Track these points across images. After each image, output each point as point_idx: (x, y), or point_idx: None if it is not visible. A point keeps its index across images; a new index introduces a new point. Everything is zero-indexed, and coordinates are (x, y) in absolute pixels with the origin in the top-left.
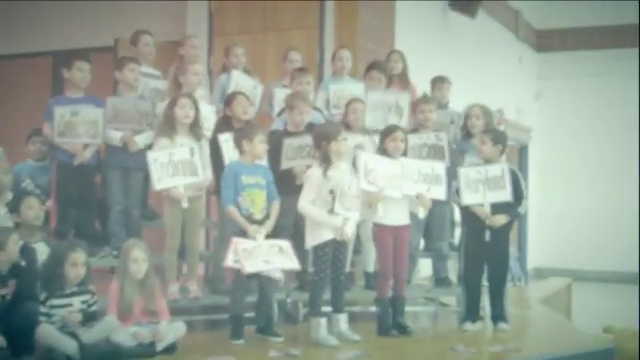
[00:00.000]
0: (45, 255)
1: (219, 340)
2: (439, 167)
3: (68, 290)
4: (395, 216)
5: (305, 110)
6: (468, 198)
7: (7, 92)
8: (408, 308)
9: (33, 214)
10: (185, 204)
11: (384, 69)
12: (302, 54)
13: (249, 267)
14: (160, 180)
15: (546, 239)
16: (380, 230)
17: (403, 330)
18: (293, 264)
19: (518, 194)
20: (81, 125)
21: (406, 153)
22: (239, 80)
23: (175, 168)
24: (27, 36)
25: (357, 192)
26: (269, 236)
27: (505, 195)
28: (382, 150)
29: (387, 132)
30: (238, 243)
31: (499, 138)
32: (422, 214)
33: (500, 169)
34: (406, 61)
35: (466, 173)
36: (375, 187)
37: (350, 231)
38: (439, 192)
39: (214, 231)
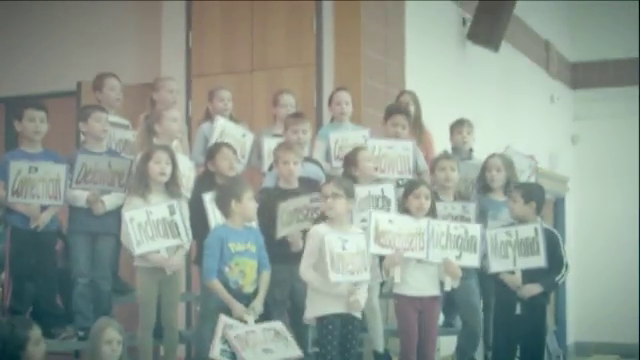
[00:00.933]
0: None
1: None
2: (474, 229)
3: None
4: (420, 285)
5: (291, 159)
6: (496, 265)
7: None
8: None
9: None
10: (169, 271)
11: (409, 113)
12: (296, 96)
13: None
14: (140, 244)
15: (588, 308)
16: (401, 302)
17: None
18: (295, 351)
19: (557, 261)
20: (40, 183)
21: (434, 212)
22: (225, 128)
23: (154, 229)
24: None
25: (358, 251)
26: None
27: (539, 261)
28: (404, 209)
29: (410, 188)
30: (228, 327)
31: (533, 194)
32: (449, 286)
33: (533, 230)
34: (419, 103)
35: (493, 236)
36: (390, 249)
37: (362, 300)
38: (472, 259)
39: (196, 306)
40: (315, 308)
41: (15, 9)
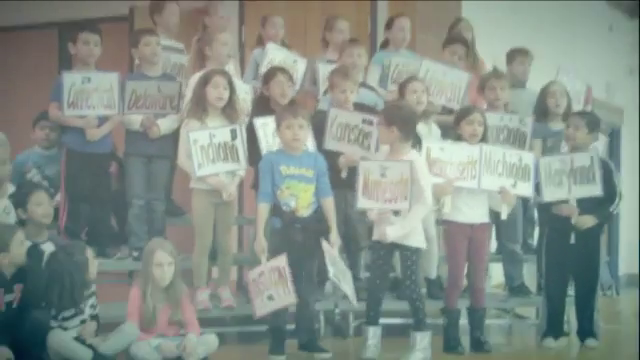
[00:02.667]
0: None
1: (256, 355)
2: (528, 157)
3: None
4: (471, 212)
5: (348, 87)
6: (550, 193)
7: (8, 70)
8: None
9: (42, 211)
10: (226, 196)
11: (468, 44)
12: (350, 22)
13: (258, 311)
14: (201, 166)
15: None
16: (451, 228)
17: (480, 347)
18: (290, 298)
19: (611, 191)
20: (94, 94)
21: (487, 139)
22: (276, 54)
23: (216, 152)
24: (28, 4)
25: (401, 179)
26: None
27: (594, 190)
28: (456, 136)
29: (462, 114)
30: (250, 274)
31: (596, 124)
32: (505, 214)
33: (589, 158)
34: (473, 31)
35: (548, 163)
36: (440, 178)
37: (391, 232)
38: (526, 188)
39: (249, 230)
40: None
41: None
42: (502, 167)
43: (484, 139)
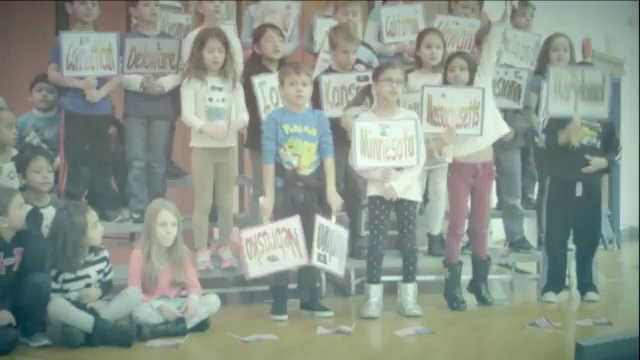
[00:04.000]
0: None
1: (258, 315)
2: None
3: (82, 261)
4: (471, 148)
5: (351, 49)
6: (556, 107)
7: (4, 31)
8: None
9: (40, 179)
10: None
11: None
12: None
13: (253, 271)
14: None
15: None
16: (455, 167)
17: (483, 300)
18: (301, 259)
19: (614, 142)
20: (93, 54)
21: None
22: (269, 5)
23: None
24: None
25: (405, 136)
26: (321, 198)
27: (601, 110)
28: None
29: (448, 60)
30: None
31: None
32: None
33: (601, 76)
34: None
35: (557, 75)
36: (442, 128)
37: (401, 186)
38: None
39: (249, 189)
40: (367, 190)
41: None
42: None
43: (470, 82)
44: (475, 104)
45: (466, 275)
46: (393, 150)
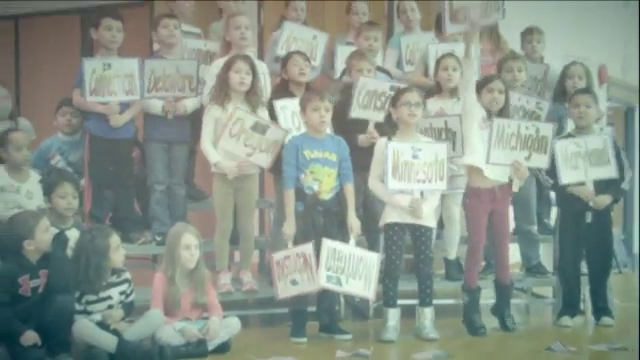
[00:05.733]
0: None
1: (278, 338)
2: (546, 129)
3: (104, 282)
4: (492, 174)
5: (364, 67)
6: (567, 176)
7: (31, 57)
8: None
9: (64, 204)
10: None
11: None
12: (369, 5)
13: (281, 293)
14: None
15: None
16: (473, 192)
17: (505, 326)
18: (311, 285)
19: (620, 168)
20: (115, 80)
21: (507, 111)
22: (294, 31)
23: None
24: None
25: (437, 160)
26: (341, 222)
27: (610, 171)
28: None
29: (484, 82)
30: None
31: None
32: (516, 187)
33: (602, 141)
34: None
35: (564, 146)
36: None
37: (425, 209)
38: (542, 160)
39: (270, 213)
40: (383, 216)
41: None
42: (516, 140)
43: (505, 110)
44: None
45: (484, 300)
46: (424, 174)
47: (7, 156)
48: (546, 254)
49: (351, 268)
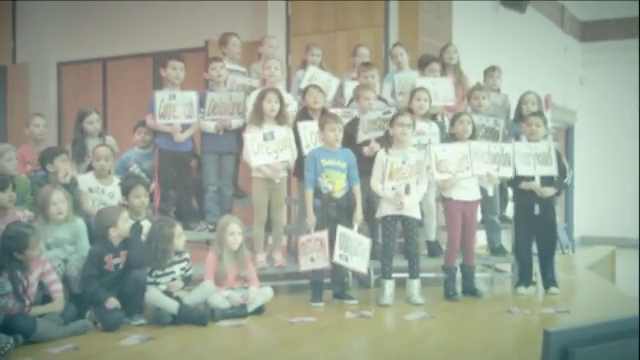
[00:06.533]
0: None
1: (301, 303)
2: (508, 147)
3: (169, 261)
4: (465, 192)
5: (370, 96)
6: (522, 169)
7: (115, 89)
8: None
9: (138, 202)
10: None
11: (439, 61)
12: (369, 49)
13: (303, 266)
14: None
15: (591, 210)
16: (450, 204)
17: (474, 293)
18: (325, 262)
19: (562, 168)
20: (178, 107)
21: (475, 136)
22: (315, 74)
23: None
24: (130, 39)
25: (417, 168)
26: (349, 214)
27: (552, 170)
28: (451, 135)
29: (455, 117)
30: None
31: (546, 122)
32: (491, 191)
33: (547, 147)
34: (458, 54)
35: (520, 147)
36: (448, 174)
37: (409, 201)
38: (507, 171)
39: (295, 207)
40: (380, 211)
41: None
42: (487, 156)
43: (473, 136)
44: (465, 155)
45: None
46: (408, 173)
47: (97, 165)
48: (505, 239)
49: (353, 249)
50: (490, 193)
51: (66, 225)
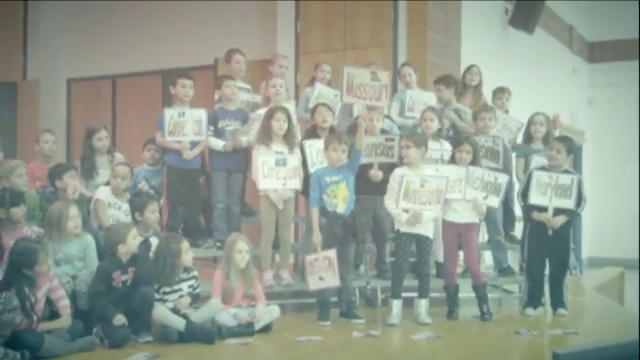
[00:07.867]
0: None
1: (308, 321)
2: (503, 178)
3: (177, 278)
4: (458, 214)
5: (375, 117)
6: (535, 198)
7: (125, 107)
8: (472, 294)
9: (154, 217)
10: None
11: (450, 83)
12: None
13: (312, 285)
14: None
15: (599, 231)
16: (445, 225)
17: (480, 316)
18: (334, 281)
19: (579, 197)
20: (187, 124)
21: (478, 162)
22: (322, 91)
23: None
24: (140, 57)
25: (437, 196)
26: (354, 233)
27: (569, 204)
28: (452, 159)
29: (455, 145)
30: (308, 258)
31: (572, 148)
32: (476, 218)
33: (570, 179)
34: (481, 76)
35: (539, 176)
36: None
37: (424, 223)
38: (494, 201)
39: (302, 225)
40: (396, 224)
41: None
42: (479, 183)
43: (475, 162)
44: (459, 178)
45: (464, 293)
46: (426, 198)
47: (114, 182)
48: (513, 259)
49: (324, 267)
50: (475, 219)
51: (76, 241)
